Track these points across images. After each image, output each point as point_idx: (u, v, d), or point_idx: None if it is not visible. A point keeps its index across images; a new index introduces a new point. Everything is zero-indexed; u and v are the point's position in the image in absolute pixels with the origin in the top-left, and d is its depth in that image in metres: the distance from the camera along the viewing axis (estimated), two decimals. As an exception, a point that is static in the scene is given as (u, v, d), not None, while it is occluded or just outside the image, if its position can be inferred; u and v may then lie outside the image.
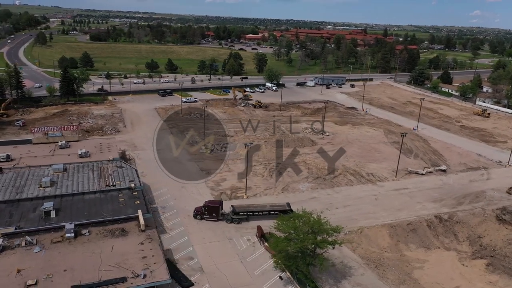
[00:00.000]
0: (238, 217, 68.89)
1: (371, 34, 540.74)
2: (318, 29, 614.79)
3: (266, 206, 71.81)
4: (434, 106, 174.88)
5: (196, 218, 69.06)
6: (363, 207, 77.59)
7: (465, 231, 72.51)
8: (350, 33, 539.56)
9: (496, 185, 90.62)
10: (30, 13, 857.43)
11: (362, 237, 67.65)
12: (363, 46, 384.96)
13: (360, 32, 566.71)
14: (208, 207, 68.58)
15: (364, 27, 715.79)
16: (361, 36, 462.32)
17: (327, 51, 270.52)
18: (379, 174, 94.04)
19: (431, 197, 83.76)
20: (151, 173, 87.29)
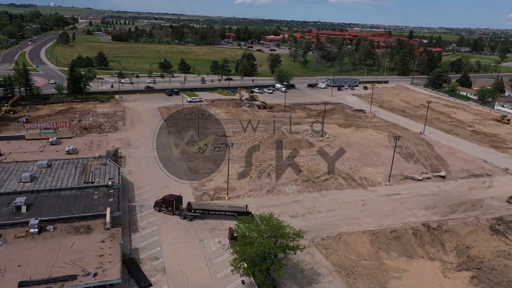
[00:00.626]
0: (191, 214, 68.31)
1: (396, 36, 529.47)
2: (341, 30, 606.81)
3: (224, 207, 70.34)
4: (448, 110, 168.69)
5: (155, 209, 70.43)
6: (347, 212, 74.87)
7: (454, 241, 68.76)
8: (373, 35, 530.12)
9: (497, 194, 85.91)
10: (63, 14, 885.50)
11: (340, 243, 65.09)
12: (385, 48, 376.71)
13: (384, 34, 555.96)
14: (165, 201, 69.66)
15: (389, 29, 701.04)
16: (384, 38, 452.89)
17: (344, 52, 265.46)
18: (372, 179, 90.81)
19: (423, 204, 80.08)
20: (139, 171, 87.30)
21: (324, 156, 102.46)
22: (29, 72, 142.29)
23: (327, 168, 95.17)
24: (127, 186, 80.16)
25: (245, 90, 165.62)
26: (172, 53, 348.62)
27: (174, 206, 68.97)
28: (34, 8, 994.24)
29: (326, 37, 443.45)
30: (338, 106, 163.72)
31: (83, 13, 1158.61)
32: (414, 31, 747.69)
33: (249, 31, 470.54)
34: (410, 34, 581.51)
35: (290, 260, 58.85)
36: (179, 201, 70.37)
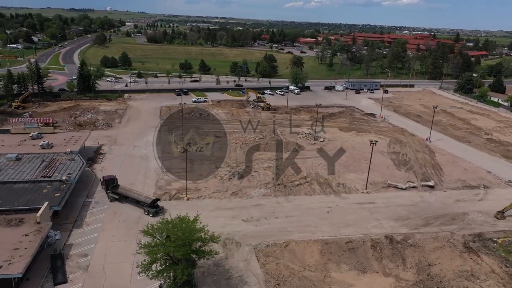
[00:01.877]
0: (112, 195, 72.79)
1: (441, 39, 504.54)
2: (381, 33, 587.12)
3: (141, 196, 71.31)
4: (470, 116, 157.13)
5: (102, 188, 75.98)
6: (307, 219, 70.67)
7: (416, 257, 62.77)
8: (415, 38, 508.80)
9: (487, 207, 77.92)
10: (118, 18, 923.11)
11: (285, 252, 61.30)
12: (426, 51, 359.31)
13: (428, 37, 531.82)
14: (103, 179, 75.81)
15: (434, 32, 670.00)
16: (424, 40, 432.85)
17: (370, 55, 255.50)
18: (351, 186, 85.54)
19: (396, 214, 74.11)
20: (111, 168, 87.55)
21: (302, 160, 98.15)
22: (50, 70, 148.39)
23: (298, 172, 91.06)
24: (93, 182, 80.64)
25: (252, 91, 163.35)
26: (203, 55, 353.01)
27: (106, 185, 74.11)
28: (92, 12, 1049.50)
29: (362, 39, 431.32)
30: (348, 110, 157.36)
31: (136, 17, 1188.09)
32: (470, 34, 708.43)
33: (283, 34, 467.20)
34: (456, 37, 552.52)
35: (221, 266, 56.30)
36: (113, 182, 74.68)
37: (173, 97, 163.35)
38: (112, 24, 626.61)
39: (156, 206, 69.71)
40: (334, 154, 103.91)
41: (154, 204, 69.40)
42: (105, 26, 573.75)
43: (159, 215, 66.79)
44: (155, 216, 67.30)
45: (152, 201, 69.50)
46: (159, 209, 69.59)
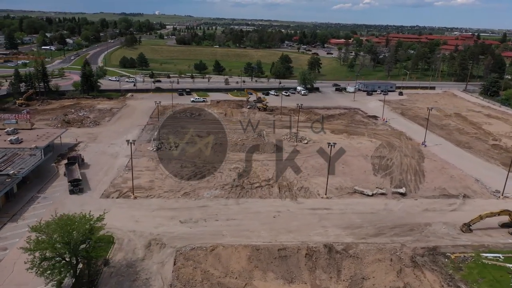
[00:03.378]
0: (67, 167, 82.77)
1: (486, 40, 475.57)
2: (419, 34, 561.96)
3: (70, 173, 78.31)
4: (485, 120, 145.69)
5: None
6: (248, 223, 67.40)
7: (353, 269, 57.90)
8: (456, 38, 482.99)
9: (456, 219, 70.89)
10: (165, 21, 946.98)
11: (209, 256, 58.54)
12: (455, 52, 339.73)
13: (470, 37, 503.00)
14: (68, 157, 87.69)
15: (477, 32, 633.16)
16: (465, 41, 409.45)
17: (391, 56, 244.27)
18: (314, 190, 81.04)
19: (348, 222, 69.08)
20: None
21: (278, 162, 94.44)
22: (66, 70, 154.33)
23: (272, 174, 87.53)
24: (52, 178, 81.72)
25: (253, 91, 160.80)
26: (228, 56, 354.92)
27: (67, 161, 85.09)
28: (141, 17, 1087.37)
29: (396, 40, 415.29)
30: (351, 112, 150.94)
31: (183, 20, 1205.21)
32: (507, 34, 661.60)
33: (315, 35, 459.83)
34: (503, 37, 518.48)
35: (134, 267, 54.61)
36: (74, 159, 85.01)
37: (174, 96, 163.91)
38: (151, 27, 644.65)
39: (76, 185, 75.17)
40: (312, 157, 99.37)
41: (74, 183, 75.13)
42: (144, 29, 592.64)
43: (74, 194, 74.46)
44: (71, 193, 74.56)
45: (72, 180, 75.50)
46: (76, 188, 74.85)
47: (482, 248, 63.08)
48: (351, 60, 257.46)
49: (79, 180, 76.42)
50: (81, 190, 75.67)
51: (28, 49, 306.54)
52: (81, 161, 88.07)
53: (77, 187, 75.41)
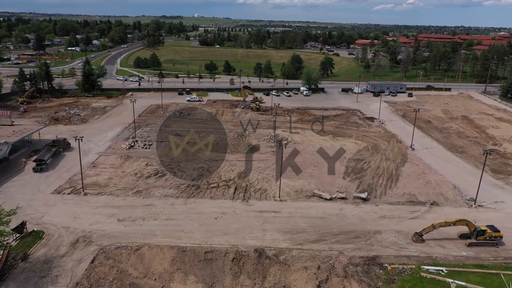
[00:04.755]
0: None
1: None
2: (453, 34, 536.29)
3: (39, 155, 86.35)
4: (493, 123, 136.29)
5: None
6: (186, 224, 65.66)
7: (279, 276, 55.00)
8: (493, 38, 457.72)
9: (414, 228, 65.71)
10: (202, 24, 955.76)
11: (132, 256, 57.37)
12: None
13: (509, 37, 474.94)
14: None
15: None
16: (498, 41, 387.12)
17: (408, 57, 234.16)
18: (271, 193, 77.97)
19: (291, 226, 65.84)
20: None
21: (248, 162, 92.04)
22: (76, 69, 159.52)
23: (235, 175, 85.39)
24: (15, 172, 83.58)
25: (250, 91, 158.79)
26: (248, 57, 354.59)
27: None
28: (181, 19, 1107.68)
29: (426, 40, 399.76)
30: (349, 113, 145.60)
31: (221, 23, 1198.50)
32: None
33: (341, 35, 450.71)
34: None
35: (49, 263, 54.30)
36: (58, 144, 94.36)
37: (174, 96, 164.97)
38: (183, 29, 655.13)
39: (39, 165, 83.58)
40: (287, 159, 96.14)
41: (38, 163, 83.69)
42: (174, 31, 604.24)
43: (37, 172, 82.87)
44: (34, 171, 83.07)
45: (37, 159, 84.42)
46: (38, 167, 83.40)
47: (428, 260, 58.16)
48: (367, 61, 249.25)
49: (43, 160, 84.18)
50: (43, 169, 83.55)
51: (55, 50, 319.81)
52: (66, 145, 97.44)
53: (40, 167, 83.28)
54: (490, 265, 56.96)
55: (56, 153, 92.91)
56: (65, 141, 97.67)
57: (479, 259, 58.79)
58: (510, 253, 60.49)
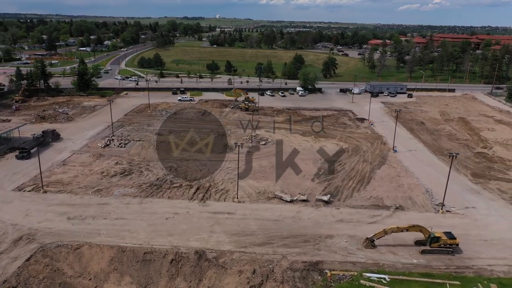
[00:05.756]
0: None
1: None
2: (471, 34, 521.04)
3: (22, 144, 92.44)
4: (491, 126, 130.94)
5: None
6: (135, 223, 64.87)
7: (214, 280, 53.64)
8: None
9: (370, 233, 62.87)
10: (222, 25, 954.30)
11: (71, 254, 56.96)
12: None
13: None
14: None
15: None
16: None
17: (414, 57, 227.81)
18: (233, 194, 76.40)
19: (241, 228, 64.22)
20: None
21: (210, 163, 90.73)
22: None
23: (202, 175, 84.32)
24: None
25: (241, 91, 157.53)
26: (256, 57, 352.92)
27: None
28: (202, 20, 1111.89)
29: (440, 40, 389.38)
30: (340, 114, 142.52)
31: (242, 24, 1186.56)
32: None
33: (354, 35, 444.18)
34: None
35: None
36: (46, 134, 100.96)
37: (167, 95, 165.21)
38: (199, 29, 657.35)
39: (21, 152, 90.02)
40: (260, 159, 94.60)
41: (21, 151, 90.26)
42: (189, 31, 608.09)
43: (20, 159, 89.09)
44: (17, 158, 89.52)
45: (20, 147, 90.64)
46: (20, 155, 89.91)
47: (374, 267, 55.57)
48: (372, 61, 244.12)
49: (25, 149, 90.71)
50: (25, 157, 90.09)
51: (68, 50, 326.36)
52: (55, 136, 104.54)
53: (21, 154, 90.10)
54: (437, 274, 53.94)
55: (44, 143, 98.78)
56: (54, 132, 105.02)
57: (429, 268, 55.81)
58: (465, 262, 57.20)
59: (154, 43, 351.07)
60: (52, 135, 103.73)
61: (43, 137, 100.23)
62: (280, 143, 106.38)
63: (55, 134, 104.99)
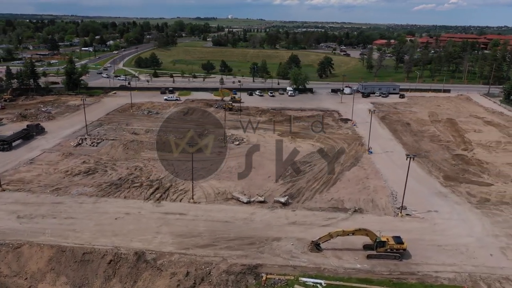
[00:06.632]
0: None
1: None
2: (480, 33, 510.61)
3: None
4: (479, 127, 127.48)
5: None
6: (83, 223, 64.34)
7: (148, 281, 53.03)
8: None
9: (317, 236, 61.39)
10: (235, 25, 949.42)
11: (10, 254, 56.77)
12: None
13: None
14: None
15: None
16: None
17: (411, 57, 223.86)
18: (191, 194, 75.46)
19: (189, 230, 63.22)
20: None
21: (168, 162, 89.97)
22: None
23: (165, 175, 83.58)
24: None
25: (227, 91, 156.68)
26: (258, 57, 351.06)
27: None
28: (214, 21, 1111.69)
29: (446, 41, 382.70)
30: (326, 114, 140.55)
31: (254, 24, 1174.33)
32: None
33: (359, 35, 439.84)
34: None
35: None
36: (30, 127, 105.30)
37: (155, 95, 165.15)
38: (206, 29, 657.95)
39: (1, 144, 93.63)
40: (229, 160, 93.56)
41: (1, 143, 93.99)
42: (196, 32, 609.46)
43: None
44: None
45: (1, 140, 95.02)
46: (1, 147, 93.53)
47: (315, 271, 54.02)
48: (370, 61, 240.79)
49: (6, 141, 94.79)
50: (5, 149, 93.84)
51: (71, 50, 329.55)
52: (40, 130, 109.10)
53: (2, 146, 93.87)
54: (377, 280, 52.08)
55: (28, 137, 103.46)
56: (39, 126, 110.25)
57: (372, 273, 53.99)
58: (410, 268, 55.20)
59: (156, 43, 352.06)
60: (37, 129, 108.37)
61: (27, 130, 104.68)
62: (255, 144, 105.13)
63: (39, 128, 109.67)
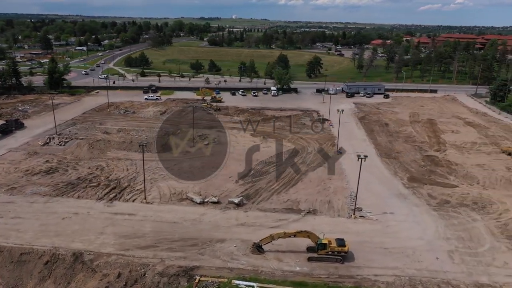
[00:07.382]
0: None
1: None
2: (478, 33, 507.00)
3: None
4: (458, 128, 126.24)
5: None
6: (29, 223, 63.72)
7: (81, 283, 52.16)
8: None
9: (261, 237, 60.43)
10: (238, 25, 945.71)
11: None
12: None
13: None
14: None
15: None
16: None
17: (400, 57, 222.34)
18: (148, 193, 74.72)
19: (134, 230, 62.46)
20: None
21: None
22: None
23: (125, 174, 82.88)
24: None
25: (208, 90, 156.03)
26: (253, 56, 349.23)
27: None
28: (218, 21, 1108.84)
29: (443, 41, 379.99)
30: (305, 114, 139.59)
31: (258, 24, 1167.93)
32: None
33: (356, 35, 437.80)
34: None
35: None
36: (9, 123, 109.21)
37: (138, 94, 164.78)
38: (205, 29, 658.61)
39: None
40: (189, 160, 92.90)
41: None
42: (194, 31, 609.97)
43: None
44: None
45: None
46: None
47: (252, 273, 53.07)
48: (361, 61, 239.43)
49: None
50: None
51: (66, 50, 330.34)
52: (19, 124, 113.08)
53: None
54: (312, 283, 51.05)
55: (7, 131, 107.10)
56: (17, 121, 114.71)
57: (309, 276, 52.96)
58: (350, 271, 54.12)
59: (150, 43, 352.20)
60: (16, 124, 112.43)
61: (5, 125, 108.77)
62: (225, 144, 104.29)
63: (18, 123, 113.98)
